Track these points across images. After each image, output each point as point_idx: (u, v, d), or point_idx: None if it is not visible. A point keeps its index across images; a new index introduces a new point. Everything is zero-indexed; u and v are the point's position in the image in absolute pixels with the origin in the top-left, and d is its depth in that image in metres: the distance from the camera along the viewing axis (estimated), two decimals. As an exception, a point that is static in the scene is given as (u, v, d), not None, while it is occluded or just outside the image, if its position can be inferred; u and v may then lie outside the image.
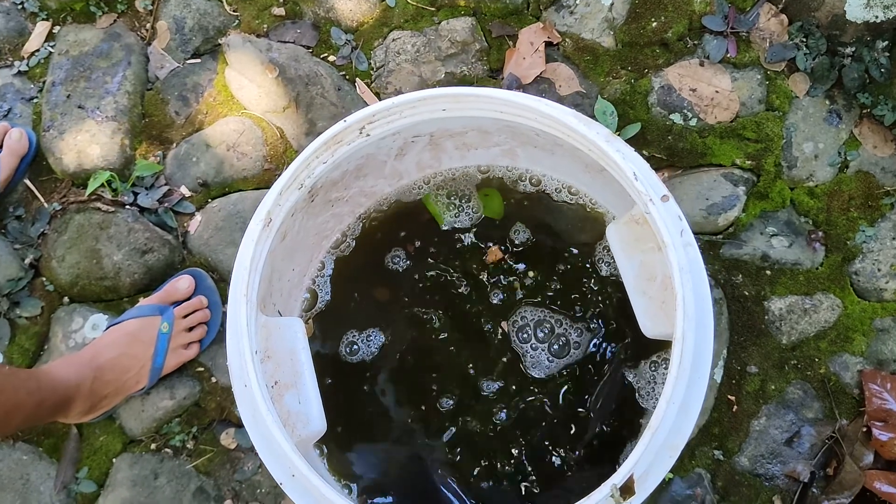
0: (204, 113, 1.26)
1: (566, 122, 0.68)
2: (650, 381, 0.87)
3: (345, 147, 0.70)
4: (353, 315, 0.96)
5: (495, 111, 0.71)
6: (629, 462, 0.57)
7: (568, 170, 0.87)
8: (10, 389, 0.89)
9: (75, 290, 1.17)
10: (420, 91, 0.70)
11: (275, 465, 0.60)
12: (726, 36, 1.17)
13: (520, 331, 0.90)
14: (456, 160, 0.90)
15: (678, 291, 0.60)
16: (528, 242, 0.96)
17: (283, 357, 0.65)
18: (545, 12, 1.23)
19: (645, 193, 0.64)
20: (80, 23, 1.33)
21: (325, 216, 0.85)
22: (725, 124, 1.16)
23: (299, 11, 1.30)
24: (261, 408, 0.57)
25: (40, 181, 1.24)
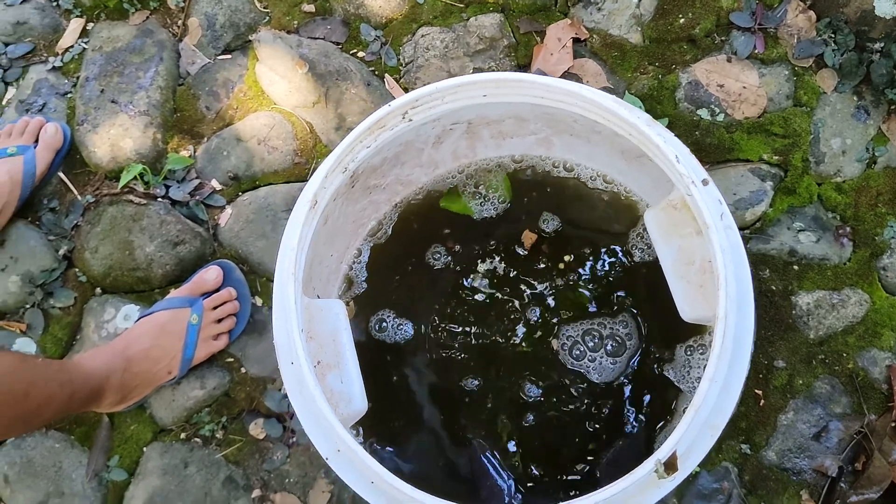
0: (234, 108, 1.28)
1: (607, 106, 0.69)
2: (685, 364, 0.88)
3: (388, 132, 0.72)
4: (387, 302, 0.97)
5: (536, 97, 0.72)
6: (672, 439, 0.57)
7: (604, 158, 0.88)
8: (42, 381, 0.90)
9: (108, 280, 1.19)
10: (462, 76, 0.72)
11: (321, 441, 0.61)
12: (754, 32, 1.18)
13: (571, 350, 0.91)
14: (491, 149, 0.91)
15: (720, 272, 0.61)
16: (561, 230, 0.96)
17: (325, 338, 0.67)
18: (573, 9, 1.24)
19: (687, 176, 0.65)
20: (114, 19, 1.36)
21: (363, 203, 0.86)
22: (753, 120, 1.17)
23: (329, 8, 1.31)
24: (308, 383, 0.58)
25: (74, 174, 1.26)
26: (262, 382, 1.14)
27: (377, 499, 0.59)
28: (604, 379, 0.89)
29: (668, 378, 0.88)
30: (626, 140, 0.71)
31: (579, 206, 0.96)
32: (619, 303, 0.93)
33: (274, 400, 1.12)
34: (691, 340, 0.88)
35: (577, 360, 0.90)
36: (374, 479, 0.58)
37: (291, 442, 1.11)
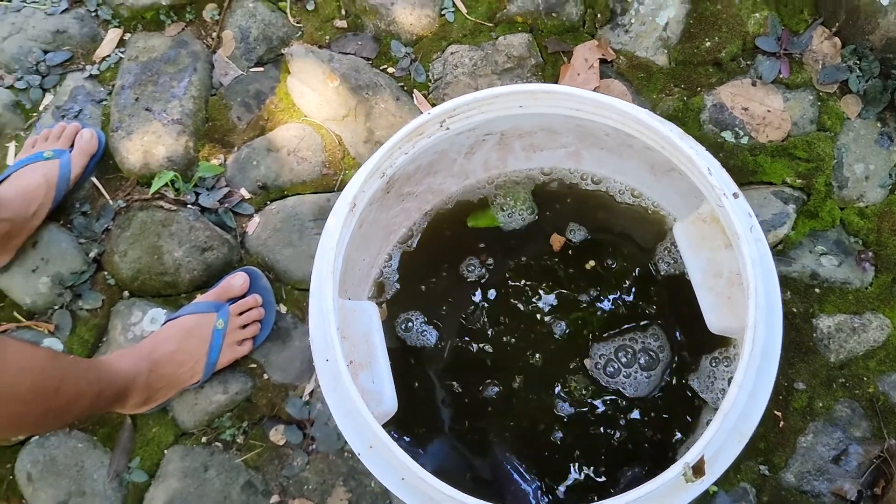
0: (265, 119, 1.31)
1: (642, 119, 0.70)
2: (710, 375, 0.89)
3: (425, 139, 0.74)
4: (415, 308, 0.98)
5: (570, 108, 0.74)
6: (701, 443, 0.58)
7: (633, 172, 0.90)
8: (73, 378, 0.92)
9: (136, 284, 1.21)
10: (500, 87, 0.74)
11: (354, 436, 0.62)
12: (779, 57, 1.20)
13: (605, 367, 0.92)
14: (521, 161, 0.93)
15: (750, 282, 0.62)
16: (589, 243, 0.98)
17: (357, 338, 0.68)
18: (600, 30, 1.27)
19: (719, 188, 0.66)
20: (150, 30, 1.39)
21: (395, 210, 0.88)
22: (777, 143, 1.18)
23: (361, 24, 1.34)
24: (344, 380, 0.59)
25: (106, 179, 1.29)
26: (284, 389, 1.16)
27: (408, 495, 0.60)
28: (639, 393, 0.90)
29: (694, 389, 0.88)
30: (657, 154, 0.72)
31: (607, 220, 0.97)
32: (649, 316, 0.94)
33: (295, 407, 1.13)
34: (716, 352, 0.89)
35: (612, 377, 0.91)
36: (405, 476, 0.59)
37: (311, 449, 1.12)
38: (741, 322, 0.66)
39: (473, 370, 0.96)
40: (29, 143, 1.27)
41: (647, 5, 1.23)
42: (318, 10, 1.37)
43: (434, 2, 1.31)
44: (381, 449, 0.59)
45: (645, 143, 0.74)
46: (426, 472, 0.57)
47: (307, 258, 1.20)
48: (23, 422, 0.87)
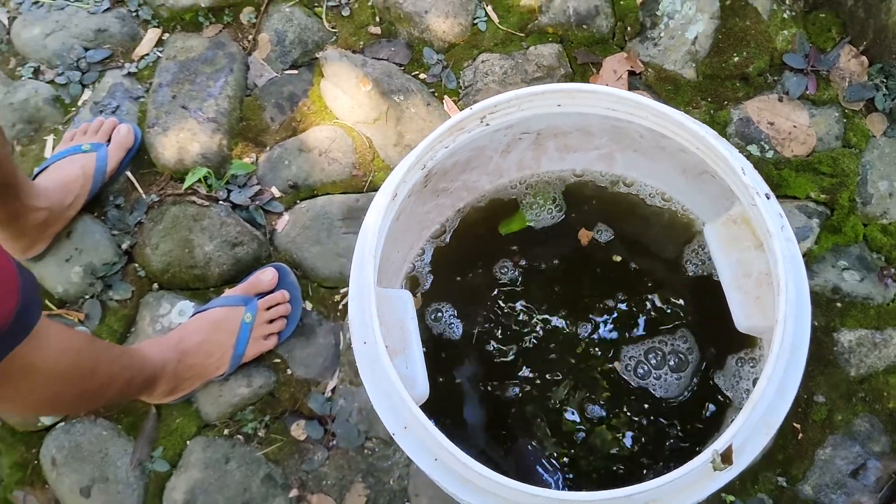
0: (298, 120, 1.33)
1: (678, 119, 0.72)
2: (735, 374, 0.90)
3: (465, 134, 0.76)
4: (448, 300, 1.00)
5: (607, 108, 0.76)
6: (730, 431, 0.59)
7: (664, 175, 0.91)
8: (107, 362, 0.94)
9: (166, 276, 1.24)
10: (540, 85, 0.76)
11: (389, 417, 0.64)
12: (806, 74, 1.21)
13: (636, 369, 0.93)
14: (555, 162, 0.94)
15: (781, 278, 0.63)
16: (618, 244, 0.99)
17: (392, 325, 0.70)
18: (630, 43, 1.29)
19: (752, 187, 0.68)
20: (189, 31, 1.43)
21: (430, 205, 0.90)
22: (801, 158, 1.20)
23: (394, 31, 1.37)
24: (383, 360, 0.61)
25: (141, 173, 1.32)
26: (307, 384, 1.17)
27: (441, 475, 0.61)
28: (668, 395, 0.91)
29: (719, 387, 0.89)
30: (690, 156, 0.74)
31: (636, 222, 0.99)
32: (677, 318, 0.95)
33: (317, 402, 1.15)
34: (742, 353, 0.90)
35: (643, 378, 0.92)
36: (438, 456, 0.60)
37: (331, 445, 1.13)
38: (768, 321, 0.67)
39: (500, 365, 0.98)
40: (68, 136, 1.30)
41: (677, 20, 1.25)
42: (353, 17, 1.40)
43: (467, 11, 1.34)
44: (417, 429, 0.61)
45: (679, 145, 0.75)
46: (461, 451, 0.58)
47: (334, 256, 1.22)
48: (58, 402, 0.89)
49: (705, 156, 0.73)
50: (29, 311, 0.68)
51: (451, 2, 1.33)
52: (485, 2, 1.35)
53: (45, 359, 0.79)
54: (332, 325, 1.20)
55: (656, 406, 0.92)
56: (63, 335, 0.84)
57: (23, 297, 0.67)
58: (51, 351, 0.80)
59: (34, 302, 0.69)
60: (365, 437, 1.13)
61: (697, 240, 0.96)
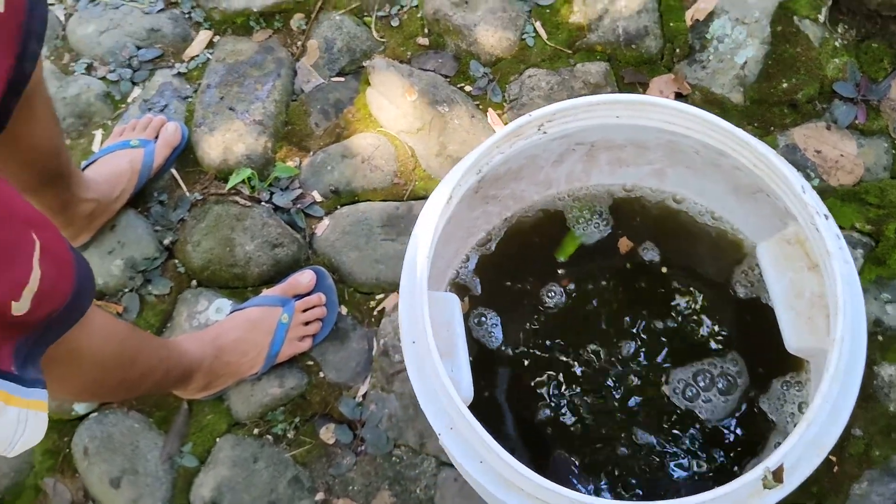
0: (342, 127, 1.35)
1: (739, 136, 0.72)
2: (780, 398, 0.89)
3: (522, 141, 0.76)
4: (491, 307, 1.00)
5: (666, 122, 0.76)
6: (782, 450, 0.59)
7: (716, 193, 0.91)
8: (147, 352, 0.95)
9: (205, 274, 1.25)
10: (600, 95, 0.76)
11: (436, 417, 0.64)
12: (856, 103, 1.21)
13: (685, 391, 0.92)
14: (605, 176, 0.95)
15: (840, 298, 0.63)
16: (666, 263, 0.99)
17: (440, 327, 0.70)
18: (678, 64, 1.29)
19: (812, 206, 0.67)
20: (239, 35, 1.45)
21: (478, 212, 0.90)
22: (847, 187, 1.19)
23: (442, 43, 1.39)
24: (434, 358, 0.61)
25: (185, 172, 1.34)
26: (339, 388, 1.17)
27: (486, 477, 0.61)
28: (714, 417, 0.90)
29: (763, 410, 0.88)
30: (745, 174, 0.74)
31: (685, 240, 0.98)
32: (727, 340, 0.94)
33: (348, 407, 1.15)
34: (788, 376, 0.89)
35: (691, 400, 0.92)
36: (484, 458, 0.60)
37: (360, 450, 1.13)
38: (819, 343, 0.66)
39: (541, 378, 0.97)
40: (117, 131, 1.33)
41: (727, 44, 1.25)
42: (402, 27, 1.42)
43: (516, 26, 1.35)
44: (464, 430, 0.60)
45: (735, 163, 0.75)
46: (508, 454, 0.58)
47: (372, 262, 1.23)
48: (99, 388, 0.90)
49: (763, 174, 0.72)
50: (83, 296, 0.69)
51: (501, 16, 1.35)
52: (534, 18, 1.36)
53: (90, 345, 0.80)
54: (366, 331, 1.20)
55: (701, 428, 0.91)
56: (108, 323, 0.85)
57: (78, 282, 0.68)
58: (96, 337, 0.81)
59: (88, 287, 0.70)
60: (394, 444, 1.13)
61: (747, 261, 0.96)
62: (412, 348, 0.66)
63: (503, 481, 0.60)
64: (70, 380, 0.82)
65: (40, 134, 0.96)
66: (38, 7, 0.73)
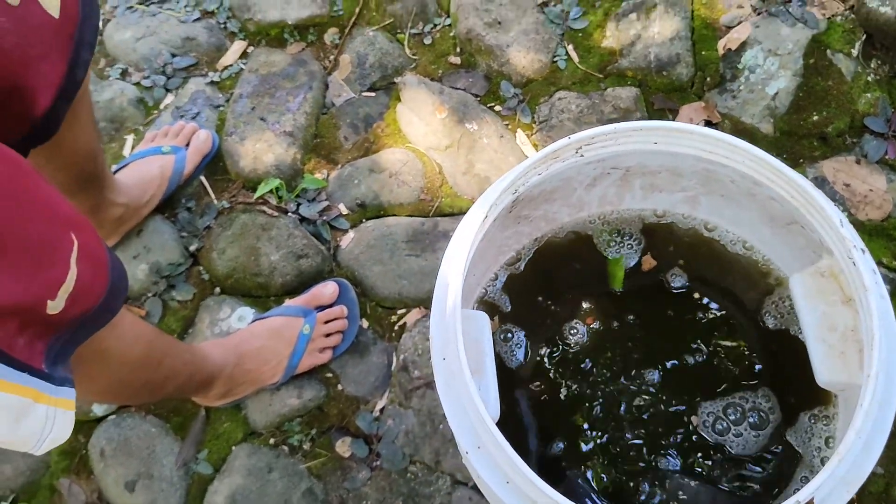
0: (371, 141, 1.36)
1: (776, 166, 0.72)
2: (807, 431, 0.88)
3: (559, 164, 0.76)
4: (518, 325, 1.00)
5: (704, 150, 0.76)
6: (813, 484, 0.58)
7: (749, 223, 0.91)
8: (173, 355, 0.96)
9: (229, 282, 1.26)
10: (639, 122, 0.76)
11: (463, 435, 0.64)
12: (887, 138, 1.20)
13: (714, 425, 0.92)
14: (637, 201, 0.95)
15: (875, 333, 0.62)
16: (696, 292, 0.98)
17: (469, 345, 0.70)
18: (708, 93, 1.29)
19: (850, 240, 0.67)
20: (273, 47, 1.47)
21: (510, 231, 0.90)
22: (876, 222, 1.18)
23: (474, 62, 1.40)
24: (465, 376, 0.61)
25: (214, 179, 1.35)
26: (357, 402, 1.17)
27: (512, 498, 0.60)
28: (745, 452, 0.89)
29: (790, 444, 0.88)
30: (781, 205, 0.73)
31: (715, 269, 0.98)
32: (758, 374, 0.93)
33: (365, 421, 1.15)
34: (816, 409, 0.88)
35: (721, 434, 0.91)
36: (511, 479, 0.60)
37: (375, 465, 1.13)
38: (850, 377, 0.66)
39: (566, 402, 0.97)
40: (149, 136, 1.34)
41: (759, 74, 1.25)
42: (434, 45, 1.43)
43: (548, 49, 1.36)
44: (492, 449, 0.60)
45: (770, 194, 0.75)
46: (536, 475, 0.58)
47: (395, 277, 1.23)
48: (124, 389, 0.91)
49: (800, 205, 0.72)
50: (116, 296, 0.70)
51: (534, 38, 1.35)
52: (566, 41, 1.37)
53: (119, 346, 0.80)
54: (387, 346, 1.20)
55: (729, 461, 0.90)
56: (137, 324, 0.86)
57: (112, 283, 0.68)
58: (125, 339, 0.82)
59: (121, 288, 0.71)
60: (409, 460, 1.13)
61: (778, 292, 0.95)
62: (442, 364, 0.66)
63: (530, 502, 0.59)
64: (97, 379, 0.82)
65: (81, 138, 0.97)
66: (91, 16, 0.75)
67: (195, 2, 1.51)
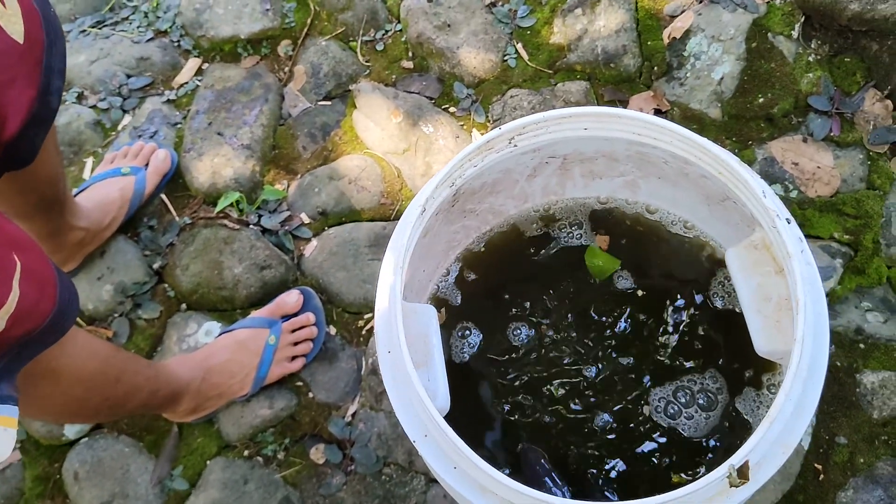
0: (329, 149, 1.37)
1: (701, 143, 0.74)
2: (754, 400, 0.90)
3: (494, 154, 0.78)
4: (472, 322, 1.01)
5: (633, 133, 0.78)
6: (746, 447, 0.60)
7: (687, 202, 0.93)
8: (132, 371, 0.96)
9: (194, 297, 1.26)
10: (567, 108, 0.78)
11: (410, 425, 0.65)
12: (831, 116, 1.23)
13: (666, 409, 0.93)
14: (580, 189, 0.96)
15: (800, 298, 0.64)
16: (642, 274, 1.00)
17: (416, 338, 0.71)
18: (656, 82, 1.32)
19: (773, 210, 0.69)
20: (227, 62, 1.48)
21: (457, 226, 0.92)
22: (825, 198, 1.20)
23: (426, 66, 1.41)
24: (407, 367, 0.62)
25: (174, 196, 1.36)
26: (328, 408, 1.18)
27: (460, 483, 0.62)
28: (696, 434, 0.91)
29: (740, 412, 0.89)
30: (713, 182, 0.75)
31: (659, 251, 1.00)
32: (705, 353, 0.95)
33: (337, 427, 1.16)
34: (764, 378, 0.90)
35: (673, 418, 0.93)
36: (458, 464, 0.61)
37: (350, 469, 1.14)
38: (787, 346, 0.68)
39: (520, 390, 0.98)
40: (108, 158, 1.35)
41: (703, 60, 1.28)
42: (386, 51, 1.45)
43: (498, 48, 1.38)
44: (438, 437, 0.61)
45: (701, 171, 0.77)
46: (481, 459, 0.59)
47: (359, 282, 1.24)
48: (83, 407, 0.91)
49: (728, 180, 0.74)
50: (64, 317, 0.70)
51: (483, 39, 1.37)
52: (515, 39, 1.39)
53: (71, 364, 0.81)
54: (355, 351, 1.21)
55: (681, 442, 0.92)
56: (89, 342, 0.87)
57: (60, 303, 0.69)
58: (77, 357, 0.82)
59: (70, 309, 0.71)
60: (383, 462, 1.13)
61: (722, 272, 0.97)
62: (387, 358, 0.67)
63: (478, 486, 0.61)
64: (51, 398, 0.83)
65: (45, 163, 0.98)
66: (56, 41, 0.75)
67: (148, 22, 1.52)
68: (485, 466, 0.58)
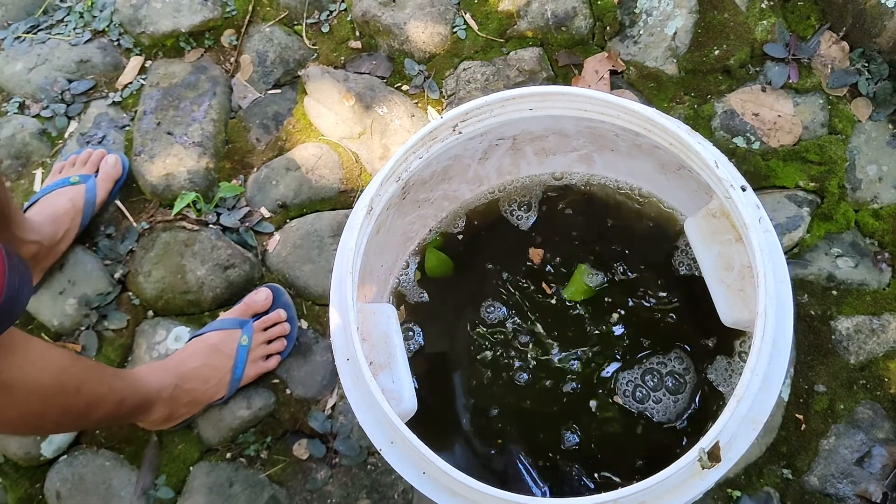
0: (283, 139, 1.34)
1: (648, 116, 0.72)
2: (725, 369, 0.89)
3: (438, 144, 0.75)
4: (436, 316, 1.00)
5: (579, 109, 0.76)
6: (715, 428, 0.59)
7: (643, 173, 0.91)
8: (94, 381, 0.93)
9: (160, 303, 1.24)
10: (510, 90, 0.76)
11: (375, 433, 0.64)
12: (788, 63, 1.21)
13: (634, 393, 0.92)
14: (534, 166, 0.94)
15: (760, 270, 0.63)
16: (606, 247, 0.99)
17: (377, 340, 0.70)
18: (610, 42, 1.29)
19: (726, 180, 0.67)
20: (170, 57, 1.43)
21: (411, 217, 0.90)
22: (788, 147, 1.19)
23: (375, 44, 1.37)
24: (365, 375, 0.60)
25: (130, 202, 1.32)
26: (307, 403, 1.17)
27: (429, 489, 0.61)
28: (666, 417, 0.90)
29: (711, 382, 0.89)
30: (665, 152, 0.74)
31: (620, 223, 0.98)
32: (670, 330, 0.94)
33: (318, 421, 1.15)
34: (736, 343, 0.90)
35: (641, 402, 0.92)
36: (426, 470, 0.60)
37: (334, 462, 1.13)
38: (752, 314, 0.67)
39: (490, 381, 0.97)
40: (56, 168, 1.31)
41: (655, 16, 1.25)
42: (332, 33, 1.41)
43: (446, 20, 1.34)
44: (403, 444, 0.60)
45: (653, 142, 0.75)
46: (447, 464, 0.58)
47: (326, 273, 1.22)
48: (42, 419, 0.88)
49: (679, 151, 0.72)
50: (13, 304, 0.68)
51: (430, 11, 1.34)
52: (463, 9, 1.35)
53: (23, 375, 0.78)
54: (328, 343, 1.20)
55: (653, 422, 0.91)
56: (44, 353, 0.84)
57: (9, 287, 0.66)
58: (30, 368, 0.80)
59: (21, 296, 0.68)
60: (367, 452, 1.13)
61: (683, 238, 0.96)
62: (347, 365, 0.65)
63: (448, 491, 0.60)
64: (6, 411, 0.80)
65: None
66: None
67: (84, 22, 1.46)
68: (452, 471, 0.57)
